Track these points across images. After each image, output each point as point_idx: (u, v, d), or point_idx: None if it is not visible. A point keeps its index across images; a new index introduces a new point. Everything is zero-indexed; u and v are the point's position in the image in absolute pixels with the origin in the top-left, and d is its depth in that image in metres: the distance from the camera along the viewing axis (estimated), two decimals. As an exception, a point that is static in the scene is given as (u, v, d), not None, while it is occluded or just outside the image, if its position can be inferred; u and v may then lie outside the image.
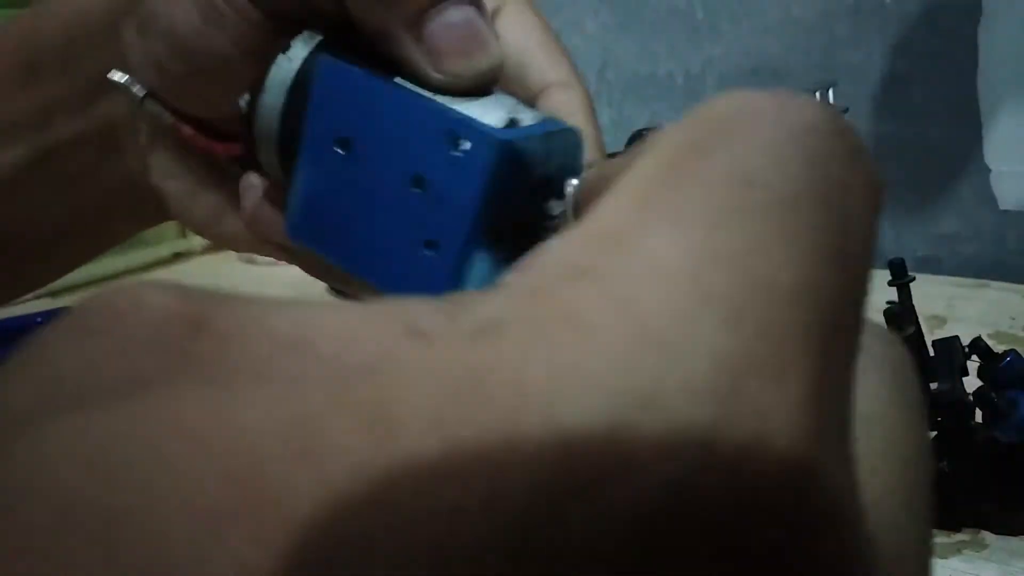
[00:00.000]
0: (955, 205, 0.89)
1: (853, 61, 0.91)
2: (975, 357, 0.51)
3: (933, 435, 0.50)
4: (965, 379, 0.50)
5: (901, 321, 0.49)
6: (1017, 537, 0.48)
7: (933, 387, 0.48)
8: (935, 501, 0.12)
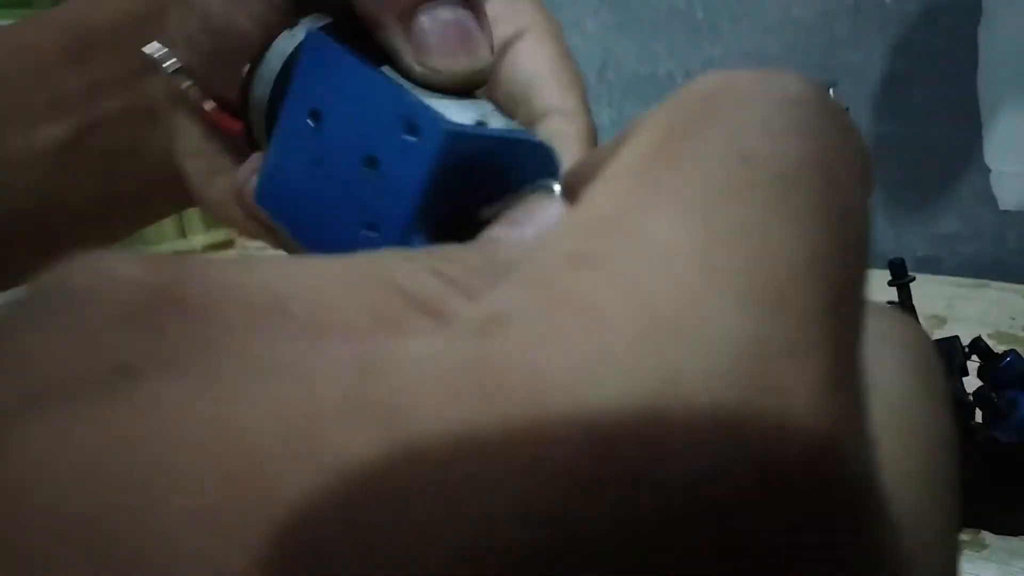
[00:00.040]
0: (955, 205, 0.89)
1: (853, 61, 0.91)
2: (975, 357, 0.51)
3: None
4: (965, 379, 0.50)
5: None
6: (1017, 537, 0.48)
7: (933, 387, 0.48)
8: (960, 491, 0.12)
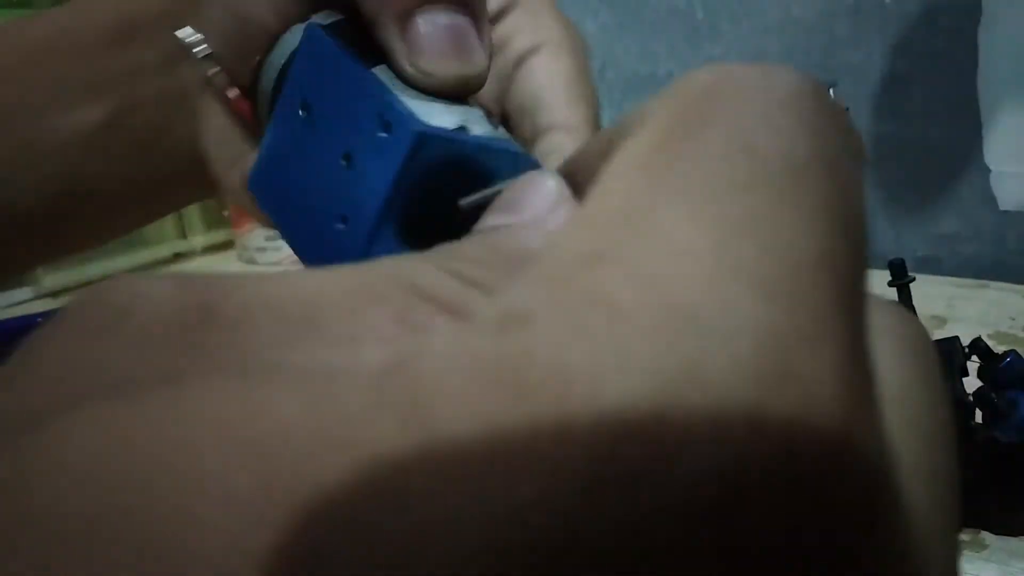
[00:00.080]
0: (955, 205, 0.89)
1: (853, 61, 0.91)
2: (975, 357, 0.51)
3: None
4: (965, 379, 0.50)
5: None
6: (1017, 537, 0.48)
7: (933, 387, 0.48)
8: (960, 490, 0.12)
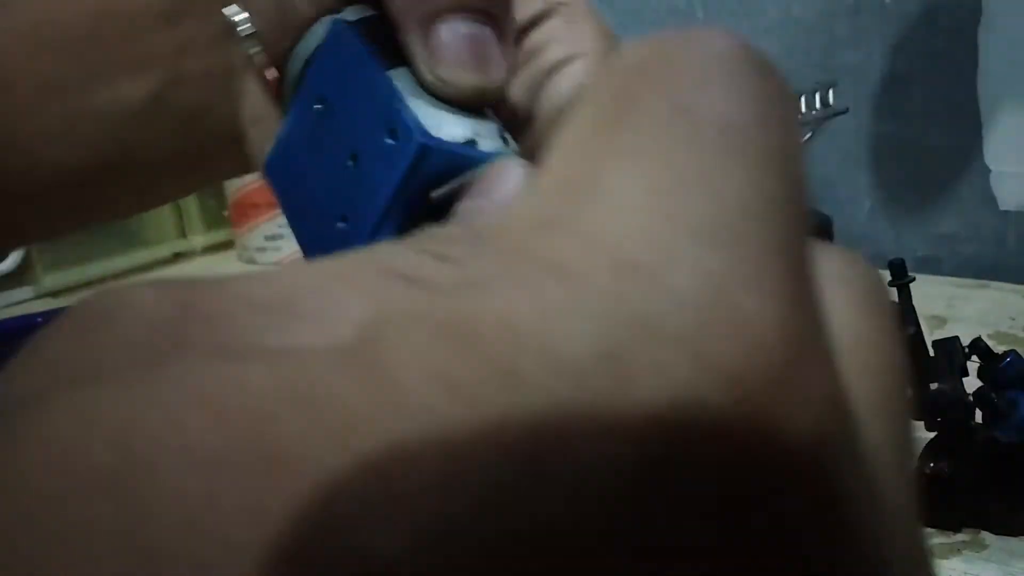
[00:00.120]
0: (955, 205, 0.89)
1: (853, 61, 0.91)
2: (975, 357, 0.51)
3: (933, 435, 0.50)
4: (965, 379, 0.50)
5: (901, 321, 0.49)
6: (1017, 537, 0.48)
7: (933, 387, 0.49)
8: (914, 428, 0.12)
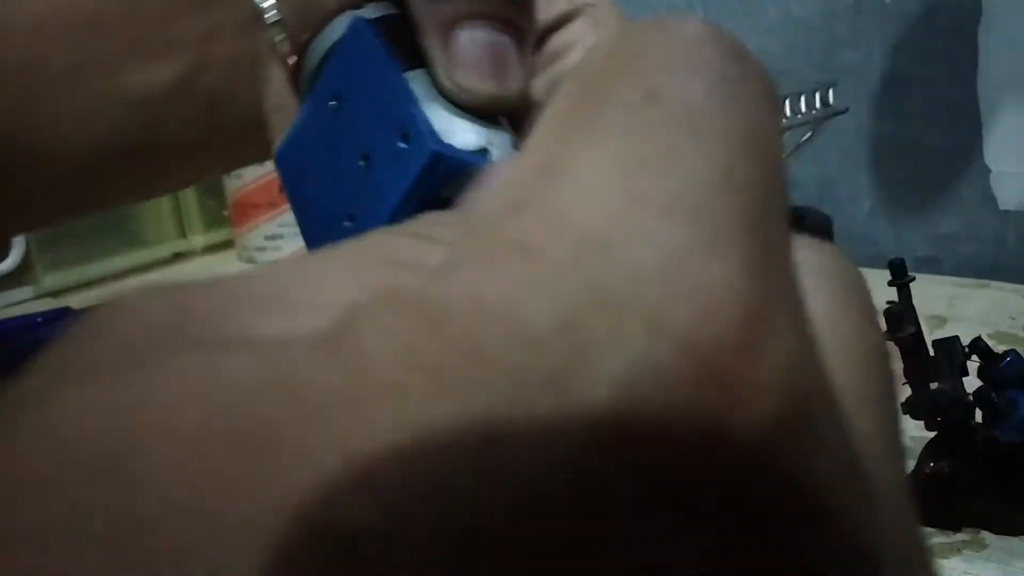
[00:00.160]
0: (955, 205, 0.89)
1: (853, 61, 0.91)
2: (975, 357, 0.51)
3: (933, 435, 0.50)
4: (965, 379, 0.50)
5: (901, 321, 0.49)
6: (1017, 537, 0.48)
7: (933, 387, 0.49)
8: (900, 412, 0.13)
